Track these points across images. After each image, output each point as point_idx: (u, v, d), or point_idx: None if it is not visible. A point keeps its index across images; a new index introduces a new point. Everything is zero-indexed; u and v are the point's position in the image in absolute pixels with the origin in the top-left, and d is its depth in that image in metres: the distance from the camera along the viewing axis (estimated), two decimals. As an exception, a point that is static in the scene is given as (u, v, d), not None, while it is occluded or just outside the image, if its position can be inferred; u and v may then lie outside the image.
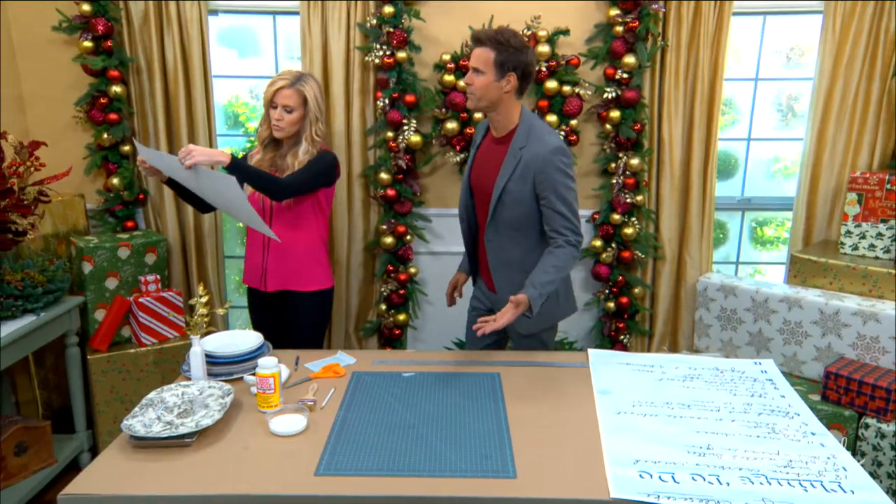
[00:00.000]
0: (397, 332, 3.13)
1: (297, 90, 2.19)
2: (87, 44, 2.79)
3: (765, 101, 3.16)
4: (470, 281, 2.36)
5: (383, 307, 3.10)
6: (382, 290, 3.09)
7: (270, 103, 2.21)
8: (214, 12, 2.99)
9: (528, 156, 1.95)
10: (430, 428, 1.59)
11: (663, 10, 2.80)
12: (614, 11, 2.81)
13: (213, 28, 2.97)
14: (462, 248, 2.32)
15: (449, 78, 2.86)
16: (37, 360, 2.81)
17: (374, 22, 2.81)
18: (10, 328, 2.20)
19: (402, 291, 3.07)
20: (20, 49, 2.93)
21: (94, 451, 2.73)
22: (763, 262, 3.41)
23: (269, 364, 1.65)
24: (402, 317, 3.10)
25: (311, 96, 2.22)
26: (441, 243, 3.16)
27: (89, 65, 2.81)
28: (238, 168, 2.05)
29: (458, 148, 2.96)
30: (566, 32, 2.86)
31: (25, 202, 2.41)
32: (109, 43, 2.82)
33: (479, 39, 1.94)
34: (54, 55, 2.93)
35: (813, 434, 1.56)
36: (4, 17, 2.88)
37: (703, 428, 1.59)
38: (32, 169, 2.46)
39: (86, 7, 2.76)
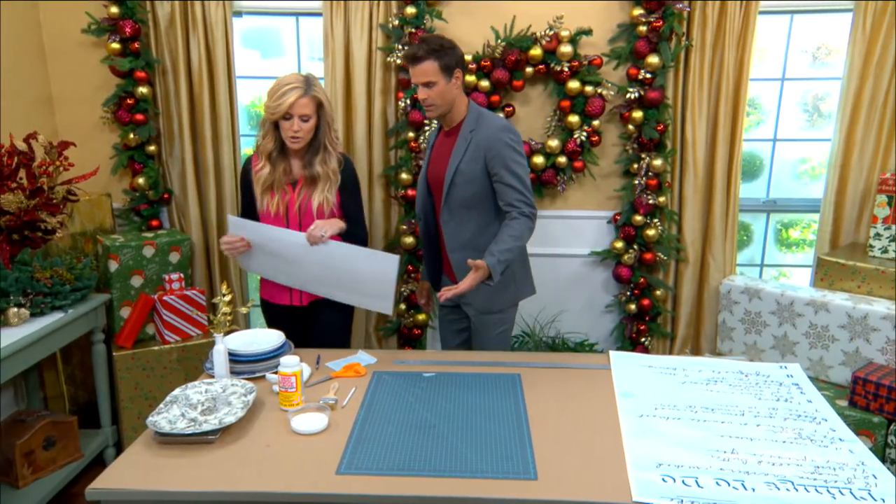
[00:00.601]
0: (417, 332, 3.13)
1: (313, 97, 2.10)
2: (115, 46, 2.84)
3: (791, 101, 3.11)
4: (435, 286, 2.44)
5: (403, 307, 3.10)
6: (402, 290, 3.10)
7: (284, 115, 2.08)
8: (239, 14, 3.02)
9: (478, 137, 2.07)
10: (450, 428, 1.59)
11: (688, 9, 2.77)
12: (638, 11, 2.78)
13: (236, 29, 3.00)
14: None
15: (470, 78, 2.86)
16: (64, 356, 2.86)
17: (396, 23, 2.82)
18: (40, 324, 2.24)
19: (422, 292, 3.07)
20: (50, 51, 2.99)
21: (119, 447, 2.77)
22: (788, 264, 3.35)
23: (292, 363, 1.66)
24: (421, 317, 3.10)
25: (324, 99, 2.14)
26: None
27: (117, 66, 2.86)
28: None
29: (479, 148, 2.95)
30: (589, 32, 2.84)
31: (54, 201, 2.45)
32: (136, 45, 2.86)
33: (416, 57, 2.03)
34: (83, 57, 2.98)
35: (841, 440, 1.53)
36: (36, 20, 2.94)
37: (727, 432, 1.56)
38: (61, 169, 2.50)
39: (114, 9, 2.81)
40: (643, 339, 3.10)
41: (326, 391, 1.78)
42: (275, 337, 1.94)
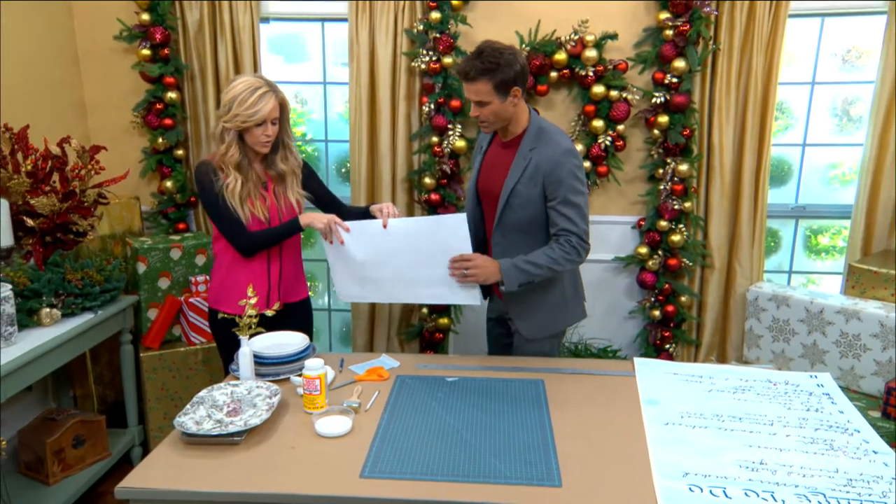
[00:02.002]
0: (439, 336, 3.13)
1: (280, 97, 2.00)
2: (146, 52, 2.90)
3: (821, 105, 3.05)
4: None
5: (425, 311, 3.11)
6: (425, 294, 3.10)
7: (258, 123, 1.95)
8: (266, 20, 3.06)
9: (539, 158, 1.91)
10: (473, 433, 1.58)
11: (715, 13, 2.74)
12: (664, 15, 2.76)
13: (262, 35, 3.04)
14: None
15: (494, 83, 2.86)
16: (92, 356, 2.92)
17: (421, 28, 2.83)
18: (71, 325, 2.29)
19: (444, 296, 3.07)
20: (84, 58, 3.06)
21: (145, 446, 2.81)
22: (817, 271, 3.28)
23: (316, 366, 1.67)
24: (443, 321, 3.10)
25: (285, 97, 2.04)
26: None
27: (147, 72, 2.92)
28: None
29: (502, 153, 2.95)
30: (614, 37, 2.82)
31: (86, 204, 2.51)
32: (166, 51, 2.92)
33: (467, 75, 1.86)
34: (115, 63, 3.05)
35: (875, 452, 1.49)
36: (71, 27, 3.01)
37: (755, 442, 1.53)
38: (93, 172, 2.56)
39: (145, 16, 2.87)
40: (668, 346, 3.06)
41: (350, 394, 1.79)
42: (299, 339, 1.95)
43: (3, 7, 2.57)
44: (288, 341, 1.95)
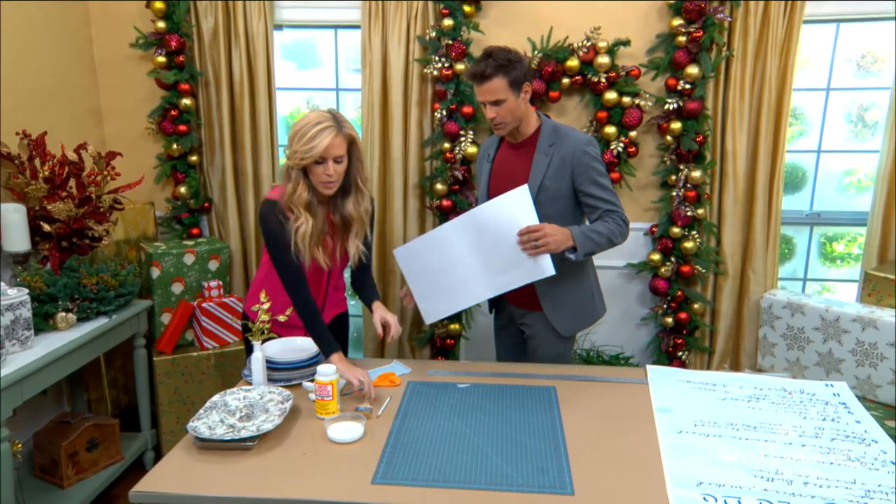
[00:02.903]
0: (450, 342, 3.13)
1: (346, 134, 1.83)
2: (161, 59, 2.93)
3: (835, 111, 3.03)
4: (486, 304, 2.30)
5: (437, 317, 3.10)
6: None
7: (316, 160, 1.80)
8: (280, 27, 3.09)
9: (562, 151, 1.95)
10: (485, 440, 1.58)
11: (729, 19, 2.73)
12: (677, 21, 2.75)
13: (276, 42, 3.06)
14: None
15: (506, 89, 2.86)
16: (107, 360, 2.94)
17: (434, 34, 2.85)
18: (86, 329, 2.31)
19: (455, 302, 3.07)
20: (100, 65, 3.10)
21: (158, 450, 2.83)
22: (832, 279, 3.25)
23: (328, 371, 1.67)
24: (455, 327, 3.10)
25: (355, 134, 1.87)
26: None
27: (162, 79, 2.95)
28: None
29: (514, 159, 2.95)
30: (627, 43, 2.82)
31: (101, 209, 2.54)
32: (181, 58, 2.95)
33: (483, 75, 1.88)
34: (130, 70, 3.09)
35: (893, 463, 1.47)
36: (88, 35, 3.05)
37: (770, 452, 1.52)
38: (109, 178, 2.59)
39: (161, 24, 2.91)
40: (680, 354, 3.04)
41: (362, 400, 1.79)
42: (311, 345, 1.96)
43: (22, 16, 2.61)
44: (300, 347, 1.96)
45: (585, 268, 2.10)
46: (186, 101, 2.99)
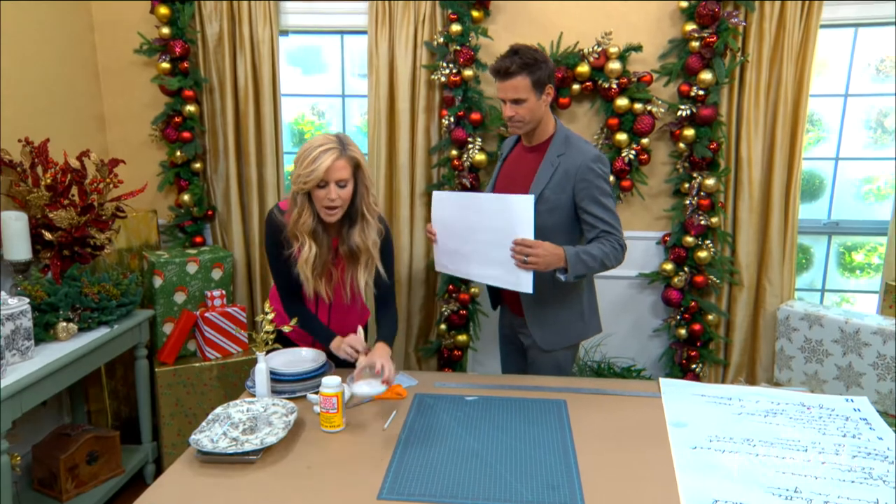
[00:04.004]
0: (458, 353, 3.13)
1: (350, 157, 1.79)
2: (165, 65, 2.96)
3: (853, 117, 3.02)
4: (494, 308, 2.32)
5: (444, 327, 3.10)
6: (443, 309, 3.10)
7: (318, 183, 1.77)
8: (285, 33, 3.12)
9: (568, 163, 1.95)
10: (494, 455, 1.57)
11: (743, 24, 2.73)
12: (690, 26, 2.76)
13: (281, 47, 3.09)
14: None
15: (515, 95, 2.87)
16: (107, 371, 2.95)
17: (441, 40, 2.86)
18: (87, 339, 2.32)
19: (462, 312, 3.08)
20: (104, 71, 3.14)
21: (159, 463, 2.83)
22: (852, 290, 3.23)
23: (333, 383, 1.67)
24: (462, 338, 3.10)
25: (361, 159, 1.83)
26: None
27: (166, 85, 2.98)
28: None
29: (523, 166, 2.96)
30: (638, 48, 2.83)
31: (104, 217, 2.56)
32: (185, 64, 2.98)
33: (508, 71, 1.89)
34: (134, 76, 3.12)
35: (915, 481, 1.45)
36: (92, 42, 3.09)
37: (788, 469, 1.50)
38: (111, 186, 2.61)
39: (165, 30, 2.94)
40: (694, 366, 3.02)
41: (366, 413, 1.79)
42: (316, 356, 1.96)
43: (25, 22, 2.64)
44: (304, 358, 1.97)
45: (578, 288, 2.08)
46: (190, 108, 3.02)
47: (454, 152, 2.95)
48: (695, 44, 2.75)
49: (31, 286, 2.31)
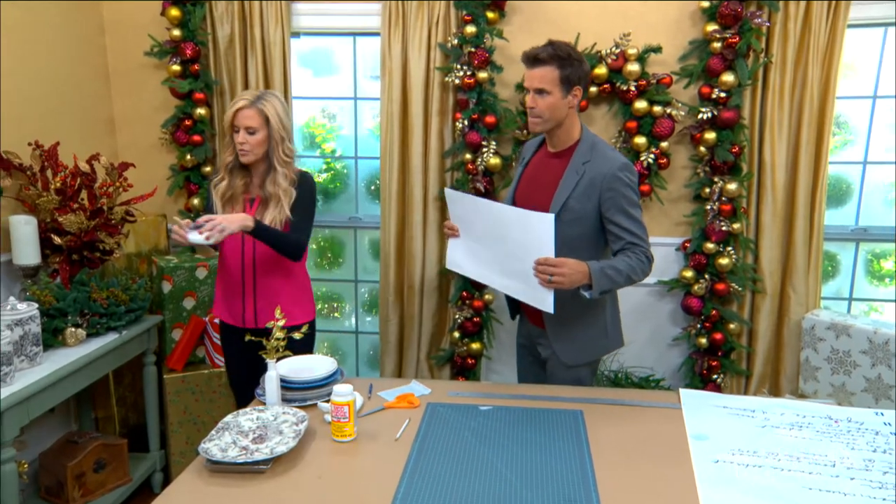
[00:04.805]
0: (471, 361, 3.12)
1: (258, 109, 2.12)
2: (176, 67, 2.99)
3: (882, 120, 2.99)
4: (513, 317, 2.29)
5: (457, 335, 3.10)
6: (457, 317, 3.10)
7: (232, 127, 2.15)
8: (297, 34, 3.14)
9: (594, 172, 1.91)
10: (509, 466, 1.57)
11: (767, 24, 2.71)
12: (712, 27, 2.74)
13: (292, 49, 3.11)
14: None
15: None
16: (115, 377, 2.98)
17: (456, 42, 2.87)
18: (96, 345, 2.35)
19: (476, 319, 3.07)
20: (114, 74, 3.18)
21: (166, 472, 2.85)
22: (880, 299, 3.18)
23: (345, 392, 1.67)
24: (476, 346, 3.09)
25: (272, 114, 2.14)
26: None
27: (177, 88, 3.01)
28: (261, 231, 2.11)
29: (539, 170, 2.96)
30: (658, 50, 2.82)
31: (113, 222, 2.58)
32: (196, 66, 3.01)
33: (538, 59, 1.89)
34: (144, 79, 3.15)
35: (949, 499, 1.43)
36: (103, 44, 3.13)
37: (815, 485, 1.48)
38: (121, 189, 2.63)
39: (176, 32, 2.97)
40: (715, 377, 2.99)
41: (378, 422, 1.79)
42: (327, 364, 1.96)
43: (34, 24, 2.68)
44: (315, 365, 1.97)
45: (601, 303, 2.04)
46: (201, 111, 3.04)
47: (468, 156, 2.95)
48: (716, 45, 2.74)
49: (40, 291, 2.34)
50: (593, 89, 2.87)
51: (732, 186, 2.82)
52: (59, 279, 2.51)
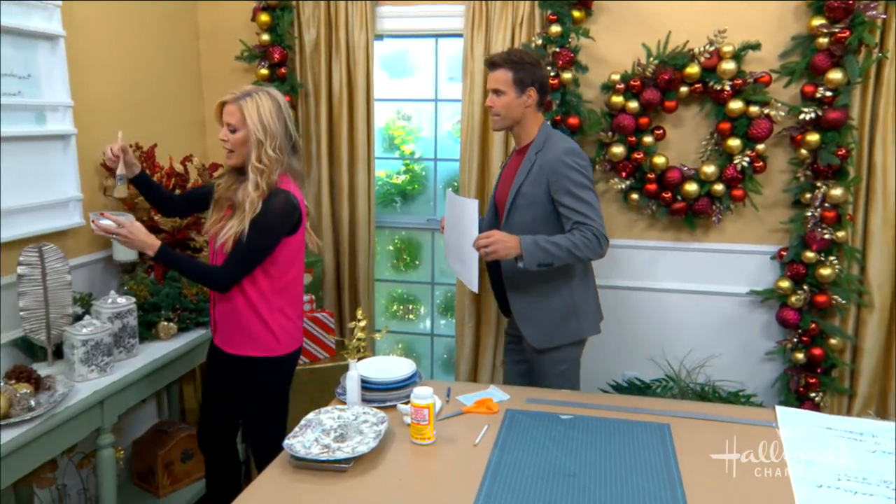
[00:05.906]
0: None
1: (238, 106, 1.94)
2: (264, 71, 3.12)
3: None
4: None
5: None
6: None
7: (219, 121, 2.01)
8: (380, 37, 3.20)
9: (542, 159, 2.11)
10: (592, 479, 1.54)
11: (882, 16, 2.55)
12: (818, 21, 2.60)
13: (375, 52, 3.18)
14: None
15: (617, 99, 2.82)
16: (201, 371, 3.12)
17: (540, 42, 2.85)
18: (185, 339, 2.47)
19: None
20: (206, 78, 3.35)
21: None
22: None
23: (425, 394, 1.69)
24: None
25: (250, 113, 1.93)
26: (600, 276, 3.08)
27: (264, 91, 3.13)
28: (166, 260, 1.97)
29: (623, 174, 2.89)
30: (756, 47, 2.70)
31: (203, 221, 2.71)
32: (283, 70, 3.12)
33: (493, 63, 2.14)
34: (234, 83, 3.28)
35: None
36: (197, 50, 3.31)
37: (933, 517, 1.38)
38: (211, 189, 2.76)
39: (265, 37, 3.10)
40: (813, 395, 2.83)
41: (456, 426, 1.79)
42: (406, 366, 1.99)
43: (136, 31, 2.86)
44: (395, 367, 2.00)
45: (558, 282, 2.16)
46: (287, 113, 3.15)
47: (550, 158, 2.92)
48: (822, 40, 2.59)
49: (136, 286, 2.49)
50: (683, 89, 2.79)
51: (837, 192, 2.66)
52: (154, 275, 2.66)
